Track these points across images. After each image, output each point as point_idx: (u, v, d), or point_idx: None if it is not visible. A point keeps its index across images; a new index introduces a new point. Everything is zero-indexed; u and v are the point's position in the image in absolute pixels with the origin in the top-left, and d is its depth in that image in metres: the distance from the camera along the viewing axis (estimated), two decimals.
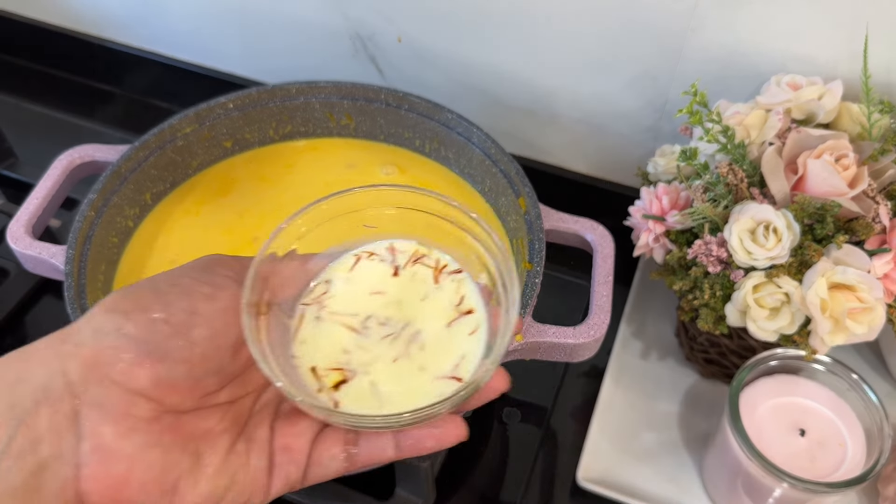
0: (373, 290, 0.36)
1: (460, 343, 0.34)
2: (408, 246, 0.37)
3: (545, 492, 0.61)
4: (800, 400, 0.56)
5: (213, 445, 0.31)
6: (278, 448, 0.33)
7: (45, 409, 0.28)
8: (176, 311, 0.31)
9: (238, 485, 0.31)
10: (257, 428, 0.33)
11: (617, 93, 0.67)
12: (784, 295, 0.52)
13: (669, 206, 0.58)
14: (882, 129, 0.54)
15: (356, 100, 0.66)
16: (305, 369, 0.33)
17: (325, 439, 0.33)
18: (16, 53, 0.94)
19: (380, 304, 0.35)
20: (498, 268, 0.34)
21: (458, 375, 0.33)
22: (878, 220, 0.51)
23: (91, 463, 0.29)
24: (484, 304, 0.35)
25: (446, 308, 0.36)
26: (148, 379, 0.29)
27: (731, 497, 0.57)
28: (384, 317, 0.35)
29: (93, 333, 0.30)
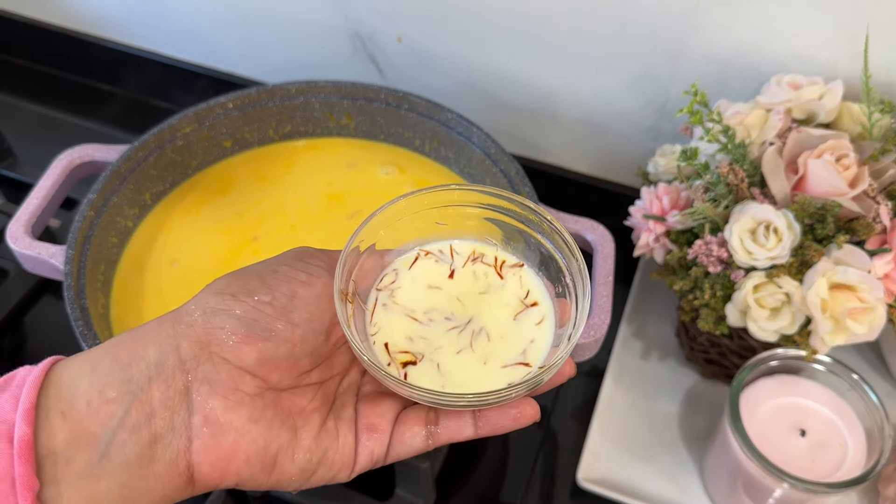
0: (431, 285, 0.38)
1: (527, 332, 0.37)
2: (466, 247, 0.39)
3: (545, 492, 0.61)
4: (800, 400, 0.56)
5: (308, 422, 0.34)
6: (363, 427, 0.35)
7: (158, 385, 0.30)
8: (279, 295, 0.33)
9: (329, 460, 0.34)
10: (344, 408, 0.35)
11: (617, 93, 0.67)
12: (784, 295, 0.51)
13: (670, 205, 0.58)
14: (882, 129, 0.54)
15: (356, 99, 0.66)
16: (380, 346, 0.36)
17: (408, 419, 0.35)
18: (16, 53, 0.94)
19: (441, 299, 0.38)
20: (566, 261, 0.37)
21: (526, 361, 0.35)
22: (879, 220, 0.51)
23: (202, 435, 0.31)
24: (548, 295, 0.38)
25: (511, 301, 0.38)
26: (254, 357, 0.32)
27: (732, 497, 0.57)
28: (449, 311, 0.37)
29: (203, 314, 0.32)
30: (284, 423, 0.33)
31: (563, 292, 0.37)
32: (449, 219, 0.39)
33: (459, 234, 0.39)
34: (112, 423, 0.29)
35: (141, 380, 0.30)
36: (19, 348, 0.71)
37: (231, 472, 0.31)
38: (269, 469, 0.32)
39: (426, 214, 0.38)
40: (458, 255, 0.39)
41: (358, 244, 0.36)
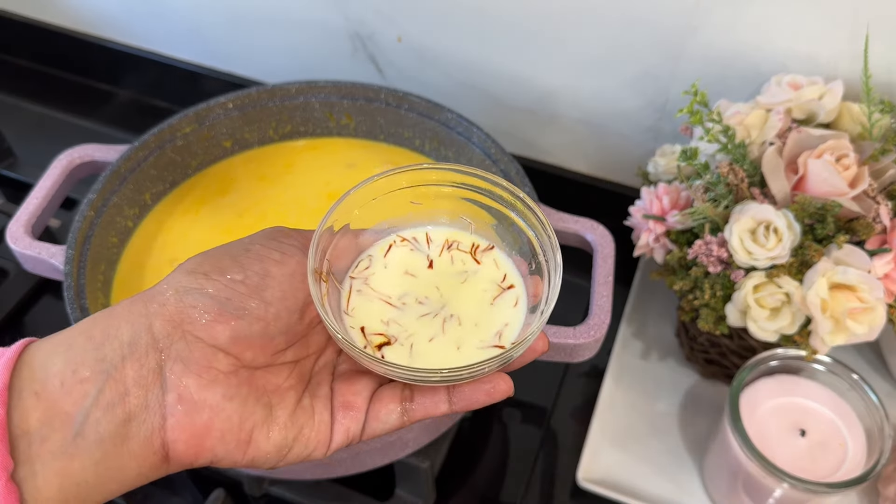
0: (408, 272, 0.38)
1: (503, 315, 0.37)
2: (441, 233, 0.39)
3: (545, 492, 0.61)
4: (800, 400, 0.56)
5: (283, 399, 0.34)
6: (339, 405, 0.35)
7: (132, 364, 0.30)
8: (251, 274, 0.33)
9: (304, 437, 0.34)
10: (319, 386, 0.35)
11: (617, 93, 0.67)
12: (784, 295, 0.51)
13: (670, 206, 0.58)
14: (882, 129, 0.54)
15: (356, 99, 0.66)
16: (357, 330, 0.36)
17: (383, 396, 0.35)
18: (16, 53, 0.94)
19: (416, 285, 0.38)
20: (539, 238, 0.37)
21: (501, 344, 0.36)
22: (879, 220, 0.51)
23: (176, 413, 0.31)
24: (521, 275, 0.38)
25: (488, 286, 0.38)
26: (227, 335, 0.32)
27: (732, 497, 0.57)
28: (423, 296, 0.38)
29: (176, 293, 0.32)
30: (259, 400, 0.33)
31: (536, 269, 0.38)
32: (424, 198, 0.39)
33: (434, 215, 0.39)
34: (86, 402, 0.30)
35: (114, 359, 0.30)
36: None
37: (206, 449, 0.31)
38: (244, 446, 0.32)
39: (401, 194, 0.38)
40: (433, 242, 0.39)
41: (332, 224, 0.36)
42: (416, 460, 0.56)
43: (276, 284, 0.34)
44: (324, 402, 0.35)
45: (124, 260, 0.59)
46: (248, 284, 0.33)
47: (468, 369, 0.33)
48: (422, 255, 0.39)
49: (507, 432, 0.65)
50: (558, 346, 0.52)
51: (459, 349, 0.36)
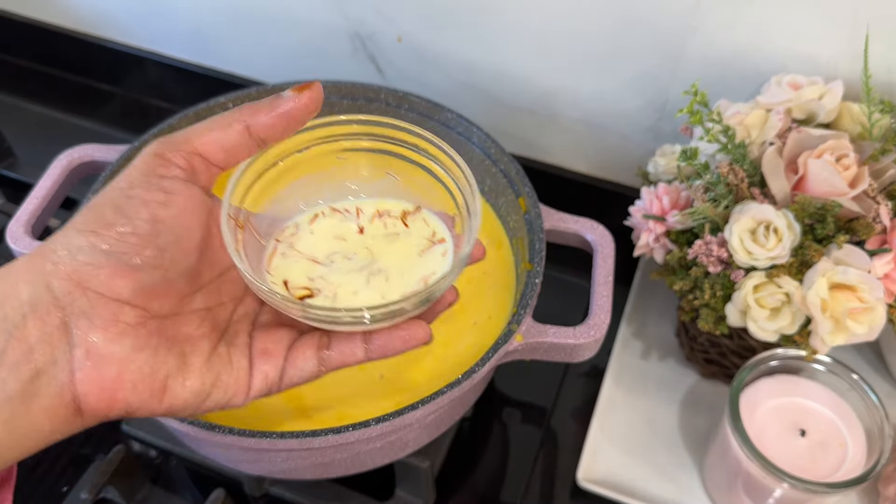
0: (336, 236, 0.40)
1: (430, 265, 0.39)
2: (371, 205, 0.41)
3: (545, 492, 0.61)
4: (800, 400, 0.56)
5: (196, 347, 0.34)
6: (257, 352, 0.35)
7: (34, 322, 0.30)
8: (139, 223, 0.32)
9: (222, 383, 0.34)
10: (237, 335, 0.36)
11: (617, 92, 0.67)
12: (784, 295, 0.52)
13: (670, 205, 0.58)
14: (882, 129, 0.54)
15: (356, 99, 0.66)
16: (279, 284, 0.37)
17: (300, 345, 0.36)
18: (16, 53, 0.94)
19: (344, 246, 0.39)
20: (463, 194, 0.38)
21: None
22: (879, 220, 0.51)
23: (85, 367, 0.31)
24: (449, 229, 0.40)
25: (420, 242, 0.40)
26: (128, 288, 0.32)
27: (732, 497, 0.57)
28: (352, 253, 0.39)
29: (69, 253, 0.32)
30: (171, 349, 0.33)
31: (462, 225, 0.39)
32: (347, 153, 0.40)
33: (357, 173, 0.40)
34: None
35: (15, 318, 0.30)
36: None
37: (118, 400, 0.31)
38: (159, 395, 0.32)
39: (326, 147, 0.39)
40: (363, 214, 0.41)
41: (252, 170, 0.37)
42: (416, 460, 0.56)
43: (167, 229, 0.33)
44: (242, 350, 0.35)
45: None
46: (139, 234, 0.32)
47: (385, 307, 0.34)
48: (351, 223, 0.40)
49: (507, 432, 0.65)
50: (558, 347, 0.52)
51: (383, 298, 0.37)
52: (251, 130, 0.35)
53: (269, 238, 0.39)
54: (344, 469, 0.52)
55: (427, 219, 0.41)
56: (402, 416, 0.46)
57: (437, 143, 0.38)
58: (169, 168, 0.34)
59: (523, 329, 0.51)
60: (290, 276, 0.37)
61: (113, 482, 0.56)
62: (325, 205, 0.40)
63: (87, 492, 0.55)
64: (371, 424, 0.45)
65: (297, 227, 0.40)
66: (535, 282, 0.53)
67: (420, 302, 0.35)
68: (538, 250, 0.55)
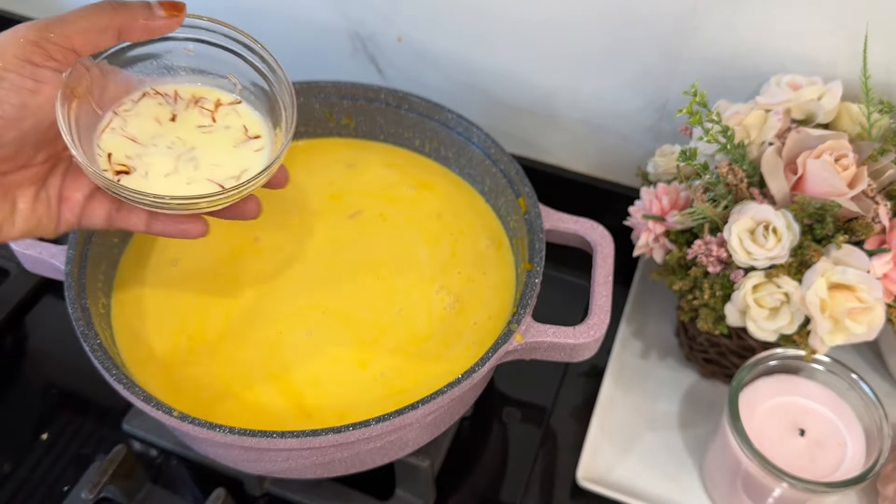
0: (156, 119, 0.46)
1: (243, 160, 0.45)
2: (188, 90, 0.47)
3: (545, 491, 0.61)
4: (799, 400, 0.56)
5: (24, 194, 0.41)
6: (63, 198, 0.43)
7: None
8: (8, 108, 0.37)
9: (42, 225, 0.42)
10: (54, 178, 0.42)
11: (617, 93, 0.68)
12: (784, 295, 0.52)
13: (669, 206, 0.58)
14: (881, 129, 0.55)
15: (356, 99, 0.66)
16: (104, 157, 0.44)
17: (94, 200, 0.43)
18: None
19: (163, 130, 0.45)
20: (280, 94, 0.45)
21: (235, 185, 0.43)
22: (878, 220, 0.51)
23: None
24: (269, 129, 0.47)
25: (234, 136, 0.46)
26: None
27: (731, 497, 0.57)
28: (171, 140, 0.45)
29: None
30: (5, 197, 0.39)
31: (278, 121, 0.46)
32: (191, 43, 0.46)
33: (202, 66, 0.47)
34: None
35: None
36: (20, 348, 0.71)
37: None
38: None
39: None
40: (181, 98, 0.46)
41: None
42: (416, 459, 0.56)
43: (31, 115, 0.38)
44: (54, 193, 0.42)
45: (125, 260, 0.60)
46: (6, 118, 0.37)
47: (177, 200, 0.41)
48: (167, 108, 0.46)
49: (507, 432, 0.65)
50: (558, 346, 0.52)
51: (189, 185, 0.43)
52: (121, 35, 0.40)
53: (108, 109, 0.45)
54: (344, 468, 0.52)
55: (242, 113, 0.47)
56: (403, 416, 0.46)
57: (247, 42, 0.46)
58: (45, 60, 0.38)
59: (523, 329, 0.51)
60: (113, 151, 0.44)
61: (114, 482, 0.56)
62: (149, 84, 0.46)
63: (87, 491, 0.56)
64: (371, 424, 0.45)
65: (132, 104, 0.45)
66: (535, 282, 0.53)
67: (209, 203, 0.42)
68: (538, 250, 0.55)
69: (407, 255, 0.60)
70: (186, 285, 0.58)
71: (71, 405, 0.66)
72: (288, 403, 0.52)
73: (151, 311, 0.56)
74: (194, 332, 0.55)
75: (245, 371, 0.53)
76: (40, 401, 0.66)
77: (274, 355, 0.54)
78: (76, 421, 0.65)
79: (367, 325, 0.56)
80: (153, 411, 0.46)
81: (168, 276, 0.59)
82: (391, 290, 0.58)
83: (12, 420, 0.65)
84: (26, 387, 0.68)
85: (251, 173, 0.44)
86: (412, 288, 0.58)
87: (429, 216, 0.63)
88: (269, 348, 0.54)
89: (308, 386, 0.53)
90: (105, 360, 0.48)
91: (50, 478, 0.61)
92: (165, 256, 0.60)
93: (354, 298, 0.57)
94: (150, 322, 0.56)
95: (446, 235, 0.61)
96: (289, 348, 0.54)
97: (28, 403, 0.66)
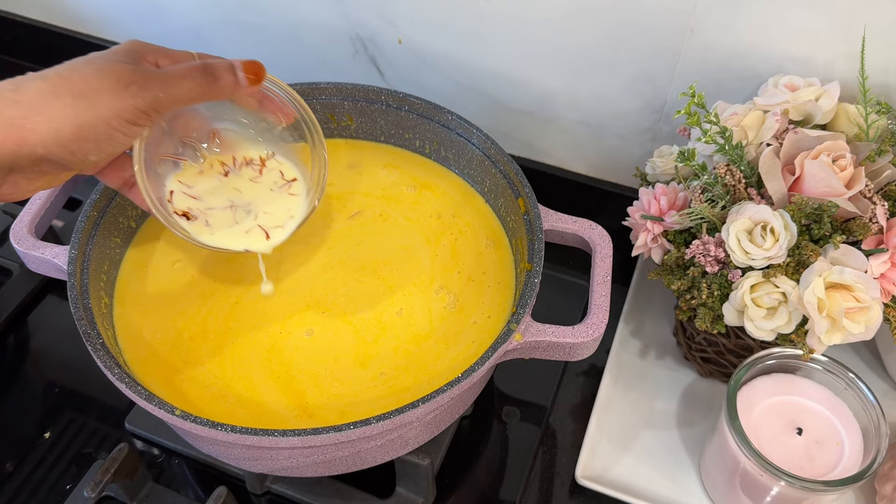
0: (216, 176, 0.53)
1: (288, 205, 0.54)
2: (242, 152, 0.54)
3: (544, 490, 0.62)
4: (797, 399, 0.56)
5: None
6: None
7: None
8: (104, 156, 0.43)
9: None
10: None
11: (616, 94, 0.68)
12: (781, 294, 0.52)
13: (667, 206, 0.58)
14: (879, 130, 0.55)
15: (357, 101, 0.66)
16: (168, 194, 0.51)
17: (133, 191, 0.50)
18: (18, 55, 0.95)
19: (221, 185, 0.53)
20: (314, 139, 0.53)
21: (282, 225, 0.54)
22: (875, 220, 0.51)
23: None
24: (303, 170, 0.55)
25: (277, 183, 0.54)
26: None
27: (729, 495, 0.57)
28: (228, 194, 0.53)
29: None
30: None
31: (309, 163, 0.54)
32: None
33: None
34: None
35: None
36: (23, 347, 0.71)
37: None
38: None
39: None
40: (236, 159, 0.54)
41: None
42: (416, 458, 0.56)
43: (117, 152, 0.44)
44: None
45: (127, 259, 0.60)
46: (100, 162, 0.44)
47: (233, 251, 0.53)
48: (220, 168, 0.53)
49: (507, 430, 0.65)
50: (557, 345, 0.52)
51: (247, 233, 0.52)
52: (206, 99, 0.45)
53: (176, 135, 0.51)
54: (345, 466, 0.53)
55: (283, 164, 0.54)
56: (403, 414, 0.46)
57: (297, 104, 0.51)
58: (146, 122, 0.43)
59: (522, 328, 0.51)
60: (177, 203, 0.51)
61: (116, 480, 0.56)
62: (212, 122, 0.52)
63: (90, 490, 0.56)
64: (372, 422, 0.45)
65: (193, 153, 0.52)
66: (534, 281, 0.53)
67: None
68: (537, 250, 0.55)
69: (407, 254, 0.60)
70: (188, 285, 0.58)
71: (73, 404, 0.66)
72: (289, 402, 0.52)
73: (153, 311, 0.57)
74: (196, 332, 0.56)
75: (246, 370, 0.54)
76: (43, 400, 0.67)
77: (275, 354, 0.54)
78: (79, 420, 0.65)
79: (368, 325, 0.56)
80: (155, 410, 0.46)
81: (170, 275, 0.59)
82: (391, 290, 0.58)
83: (15, 419, 0.66)
84: (29, 386, 0.68)
85: (296, 219, 0.54)
86: (412, 287, 0.58)
87: (429, 216, 0.63)
88: (270, 347, 0.55)
89: (309, 385, 0.53)
90: (107, 360, 0.48)
91: (52, 476, 0.61)
92: (167, 256, 0.60)
93: (355, 298, 0.58)
94: (152, 321, 0.56)
95: (446, 235, 0.62)
96: (290, 347, 0.55)
97: (31, 402, 0.67)
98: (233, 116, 0.53)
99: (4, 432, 0.64)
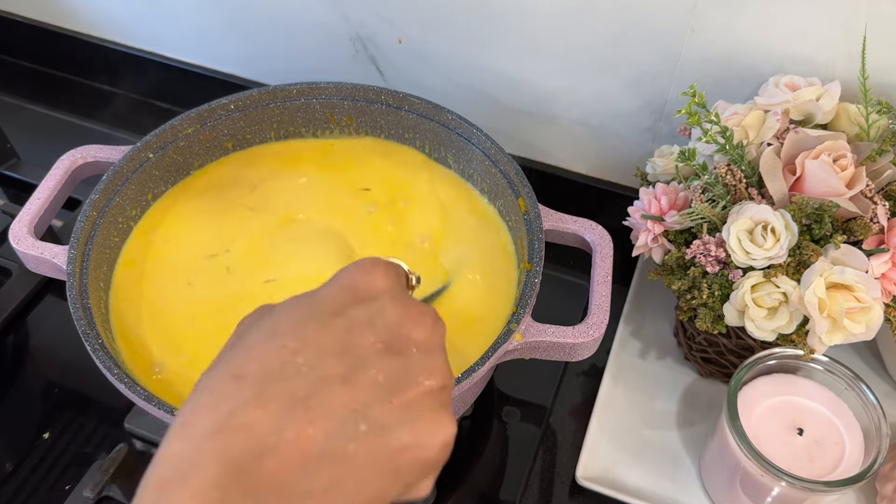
0: None
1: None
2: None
3: (545, 490, 0.62)
4: (798, 399, 0.56)
5: None
6: None
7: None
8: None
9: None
10: None
11: (616, 94, 0.68)
12: (782, 294, 0.52)
13: (668, 206, 0.58)
14: (880, 130, 0.55)
15: (357, 101, 0.66)
16: None
17: None
18: (19, 55, 0.95)
19: None
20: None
21: None
22: (876, 220, 0.51)
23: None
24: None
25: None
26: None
27: (730, 496, 0.57)
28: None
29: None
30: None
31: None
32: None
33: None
34: None
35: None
36: (23, 347, 0.71)
37: None
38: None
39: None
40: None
41: None
42: None
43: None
44: None
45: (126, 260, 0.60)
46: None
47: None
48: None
49: (507, 430, 0.65)
50: (557, 346, 0.52)
51: None
52: None
53: None
54: None
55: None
56: None
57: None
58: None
59: (523, 328, 0.51)
60: None
61: (115, 480, 0.56)
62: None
63: (89, 490, 0.56)
64: None
65: None
66: (535, 281, 0.53)
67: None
68: (537, 250, 0.55)
69: (407, 254, 0.60)
70: (187, 285, 0.58)
71: (73, 404, 0.66)
72: None
73: (152, 311, 0.57)
74: (196, 332, 0.56)
75: None
76: (42, 400, 0.67)
77: None
78: (78, 420, 0.65)
79: None
80: (155, 410, 0.46)
81: (169, 275, 0.59)
82: None
83: (14, 419, 0.65)
84: (28, 386, 0.68)
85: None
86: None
87: (429, 216, 0.63)
88: None
89: None
90: (107, 360, 0.48)
91: (52, 477, 0.61)
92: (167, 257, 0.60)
93: None
94: (150, 321, 0.56)
95: (446, 236, 0.62)
96: None
97: (30, 403, 0.67)
98: None
99: (4, 432, 0.64)
